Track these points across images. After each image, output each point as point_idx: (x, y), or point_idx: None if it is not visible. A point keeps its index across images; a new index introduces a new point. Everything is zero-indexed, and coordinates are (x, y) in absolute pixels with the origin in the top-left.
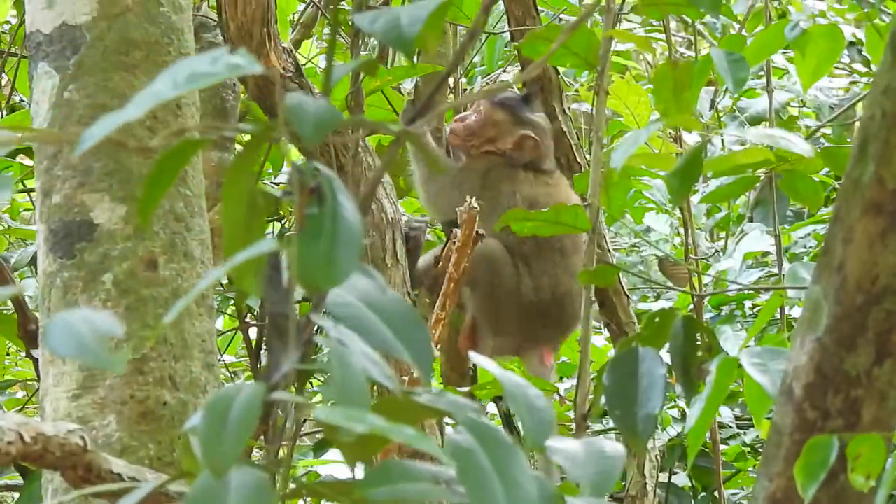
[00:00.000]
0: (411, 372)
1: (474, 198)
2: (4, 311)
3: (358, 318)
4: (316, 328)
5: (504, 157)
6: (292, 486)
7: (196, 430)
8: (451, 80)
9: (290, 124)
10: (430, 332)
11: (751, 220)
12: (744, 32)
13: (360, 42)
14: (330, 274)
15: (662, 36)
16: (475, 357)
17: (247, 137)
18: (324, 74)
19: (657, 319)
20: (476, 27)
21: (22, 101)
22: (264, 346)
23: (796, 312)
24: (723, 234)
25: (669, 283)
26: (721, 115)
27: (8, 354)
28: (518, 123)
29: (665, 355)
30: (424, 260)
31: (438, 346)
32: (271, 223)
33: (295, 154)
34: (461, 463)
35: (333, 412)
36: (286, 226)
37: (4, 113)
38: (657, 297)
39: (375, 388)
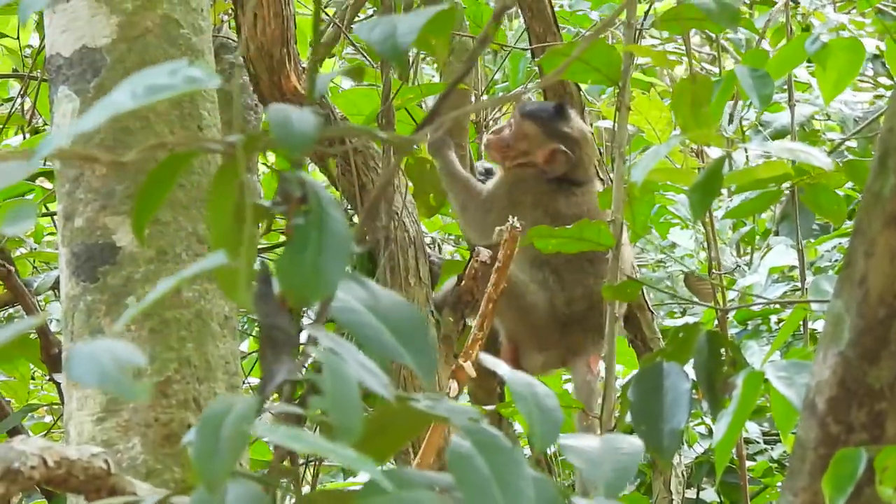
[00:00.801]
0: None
1: (515, 217)
2: (27, 335)
3: (362, 323)
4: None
5: (537, 170)
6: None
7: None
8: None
9: (276, 136)
10: (468, 352)
11: (776, 233)
12: (767, 45)
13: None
14: (317, 285)
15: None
16: (486, 359)
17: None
18: (308, 83)
19: (681, 334)
20: (486, 35)
21: (45, 123)
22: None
23: (820, 326)
24: (749, 249)
25: (695, 299)
26: (745, 129)
27: (33, 378)
28: (549, 136)
29: (690, 371)
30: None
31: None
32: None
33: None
34: (459, 469)
35: (273, 430)
36: None
37: (27, 136)
38: (683, 313)
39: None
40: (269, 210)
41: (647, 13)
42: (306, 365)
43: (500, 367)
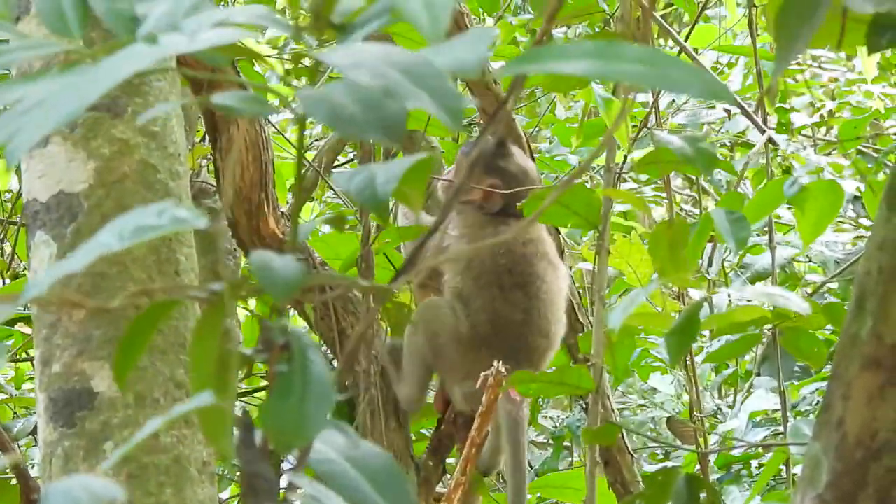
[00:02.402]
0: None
1: (500, 362)
2: (7, 480)
3: (338, 474)
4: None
5: (478, 205)
6: None
7: None
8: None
9: (260, 283)
10: (451, 496)
11: (758, 374)
12: (748, 186)
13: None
14: (301, 430)
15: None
16: None
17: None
18: (291, 231)
19: (660, 478)
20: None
21: (26, 269)
22: None
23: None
24: (731, 390)
25: (678, 442)
26: (727, 271)
27: None
28: (487, 171)
29: None
30: None
31: None
32: None
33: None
34: None
35: None
36: None
37: (6, 281)
38: (666, 456)
39: None
40: (250, 357)
41: (626, 157)
42: None
43: None
